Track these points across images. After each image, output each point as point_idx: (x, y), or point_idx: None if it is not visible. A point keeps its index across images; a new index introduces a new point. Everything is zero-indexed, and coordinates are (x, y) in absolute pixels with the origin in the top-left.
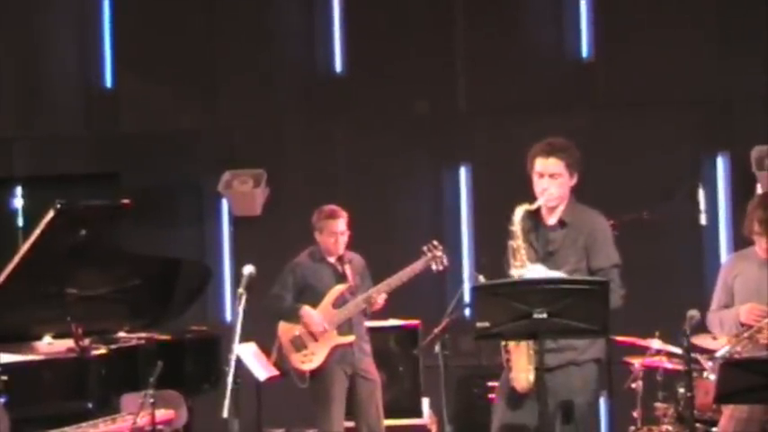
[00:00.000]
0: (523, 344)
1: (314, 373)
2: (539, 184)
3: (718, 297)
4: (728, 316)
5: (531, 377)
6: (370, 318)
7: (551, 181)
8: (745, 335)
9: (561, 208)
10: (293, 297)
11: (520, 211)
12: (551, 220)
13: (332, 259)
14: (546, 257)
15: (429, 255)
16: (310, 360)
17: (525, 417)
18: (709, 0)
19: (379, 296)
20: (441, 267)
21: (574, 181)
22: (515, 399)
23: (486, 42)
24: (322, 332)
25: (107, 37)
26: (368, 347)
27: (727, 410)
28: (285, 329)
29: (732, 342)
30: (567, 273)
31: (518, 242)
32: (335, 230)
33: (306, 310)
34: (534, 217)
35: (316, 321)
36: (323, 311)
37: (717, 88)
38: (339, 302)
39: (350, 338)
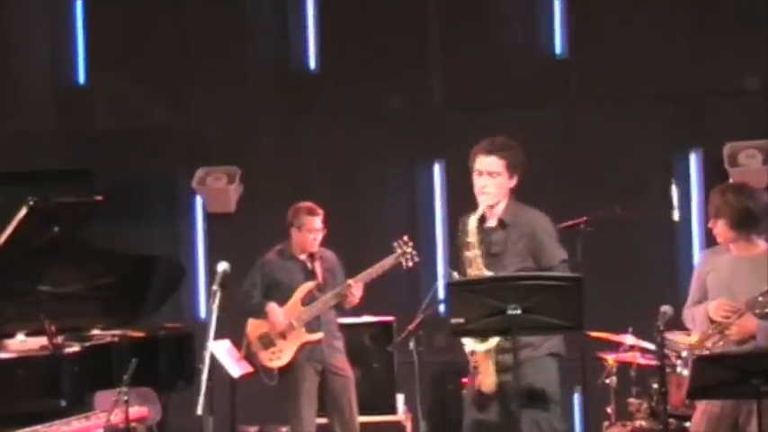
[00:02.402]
0: (492, 349)
1: (283, 370)
2: (477, 183)
3: (692, 293)
4: (700, 312)
5: (496, 380)
6: (346, 314)
7: (489, 179)
8: (715, 331)
9: (500, 208)
10: (262, 294)
11: (473, 221)
12: (491, 221)
13: (302, 256)
14: (491, 259)
15: (399, 251)
16: (278, 357)
17: (492, 416)
18: None
19: (356, 288)
20: (411, 264)
21: (513, 182)
22: (482, 399)
23: (459, 39)
24: (288, 329)
25: (80, 33)
26: (339, 344)
27: (701, 406)
28: (253, 327)
29: (700, 340)
30: (515, 272)
31: (474, 251)
32: (315, 227)
33: (271, 307)
34: (482, 217)
35: (279, 320)
36: (291, 308)
37: (689, 85)
38: (308, 299)
39: (318, 336)
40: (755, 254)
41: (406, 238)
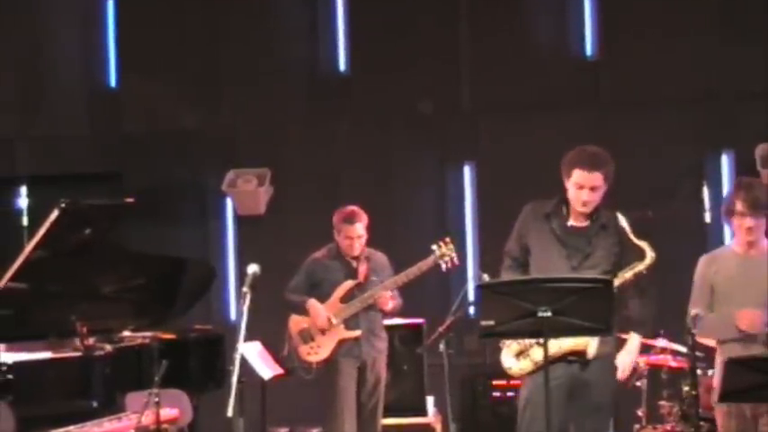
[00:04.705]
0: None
1: (321, 365)
2: (578, 195)
3: (698, 297)
4: (723, 322)
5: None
6: (389, 317)
7: (591, 193)
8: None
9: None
10: (306, 291)
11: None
12: (583, 221)
13: (348, 256)
14: (582, 258)
15: (438, 252)
16: (316, 352)
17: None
18: None
19: (385, 296)
20: (450, 265)
21: (607, 188)
22: None
23: (490, 41)
24: (326, 325)
25: (111, 36)
26: (381, 345)
27: (723, 407)
28: (295, 321)
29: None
30: (601, 274)
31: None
32: (351, 235)
33: (312, 303)
34: (558, 213)
35: (320, 315)
36: (331, 305)
37: (721, 86)
38: (348, 297)
39: (356, 333)
40: (763, 252)
41: (447, 239)
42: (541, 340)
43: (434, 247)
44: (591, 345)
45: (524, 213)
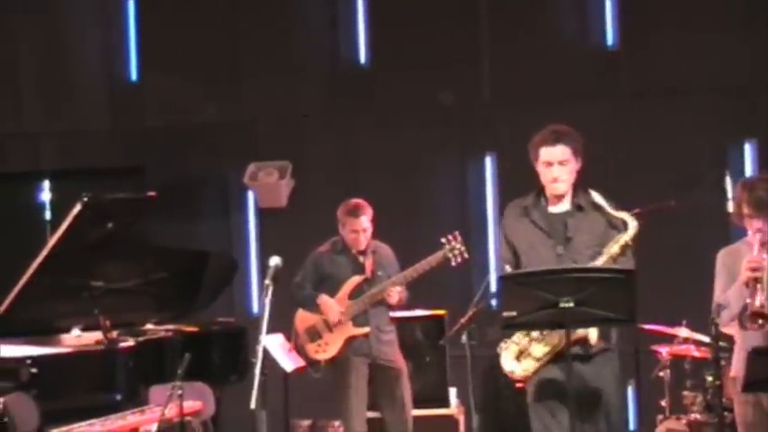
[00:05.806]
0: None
1: (330, 363)
2: (548, 173)
3: (721, 289)
4: (730, 296)
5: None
6: (398, 308)
7: (561, 168)
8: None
9: (570, 192)
10: (313, 286)
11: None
12: (562, 205)
13: (354, 250)
14: (564, 243)
15: (447, 247)
16: (324, 350)
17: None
18: None
19: (393, 290)
20: (459, 260)
21: (579, 165)
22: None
23: (510, 31)
24: (337, 322)
25: (132, 31)
26: (389, 337)
27: (742, 397)
28: (302, 318)
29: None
30: (590, 257)
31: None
32: (356, 228)
33: (323, 299)
34: (537, 204)
35: (333, 310)
36: (338, 302)
37: (743, 75)
38: (355, 293)
39: (365, 330)
40: None
41: (456, 233)
42: (535, 334)
43: (443, 240)
44: (591, 332)
45: (504, 216)
